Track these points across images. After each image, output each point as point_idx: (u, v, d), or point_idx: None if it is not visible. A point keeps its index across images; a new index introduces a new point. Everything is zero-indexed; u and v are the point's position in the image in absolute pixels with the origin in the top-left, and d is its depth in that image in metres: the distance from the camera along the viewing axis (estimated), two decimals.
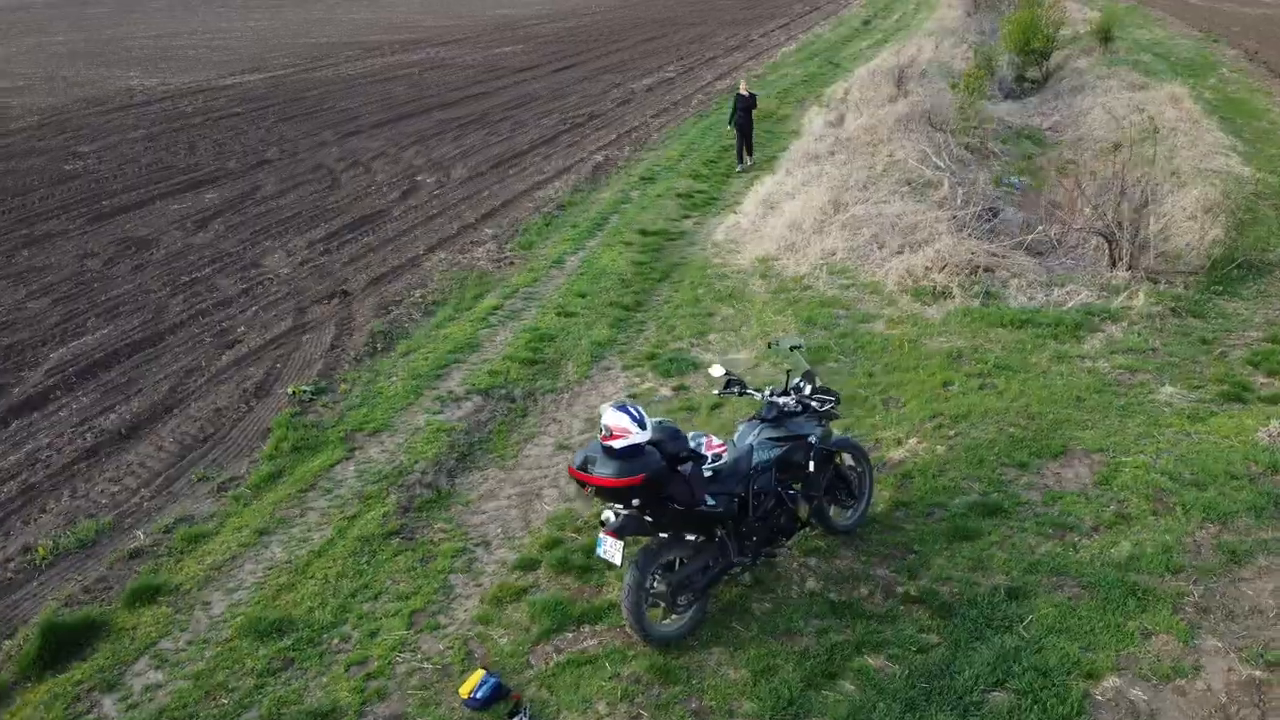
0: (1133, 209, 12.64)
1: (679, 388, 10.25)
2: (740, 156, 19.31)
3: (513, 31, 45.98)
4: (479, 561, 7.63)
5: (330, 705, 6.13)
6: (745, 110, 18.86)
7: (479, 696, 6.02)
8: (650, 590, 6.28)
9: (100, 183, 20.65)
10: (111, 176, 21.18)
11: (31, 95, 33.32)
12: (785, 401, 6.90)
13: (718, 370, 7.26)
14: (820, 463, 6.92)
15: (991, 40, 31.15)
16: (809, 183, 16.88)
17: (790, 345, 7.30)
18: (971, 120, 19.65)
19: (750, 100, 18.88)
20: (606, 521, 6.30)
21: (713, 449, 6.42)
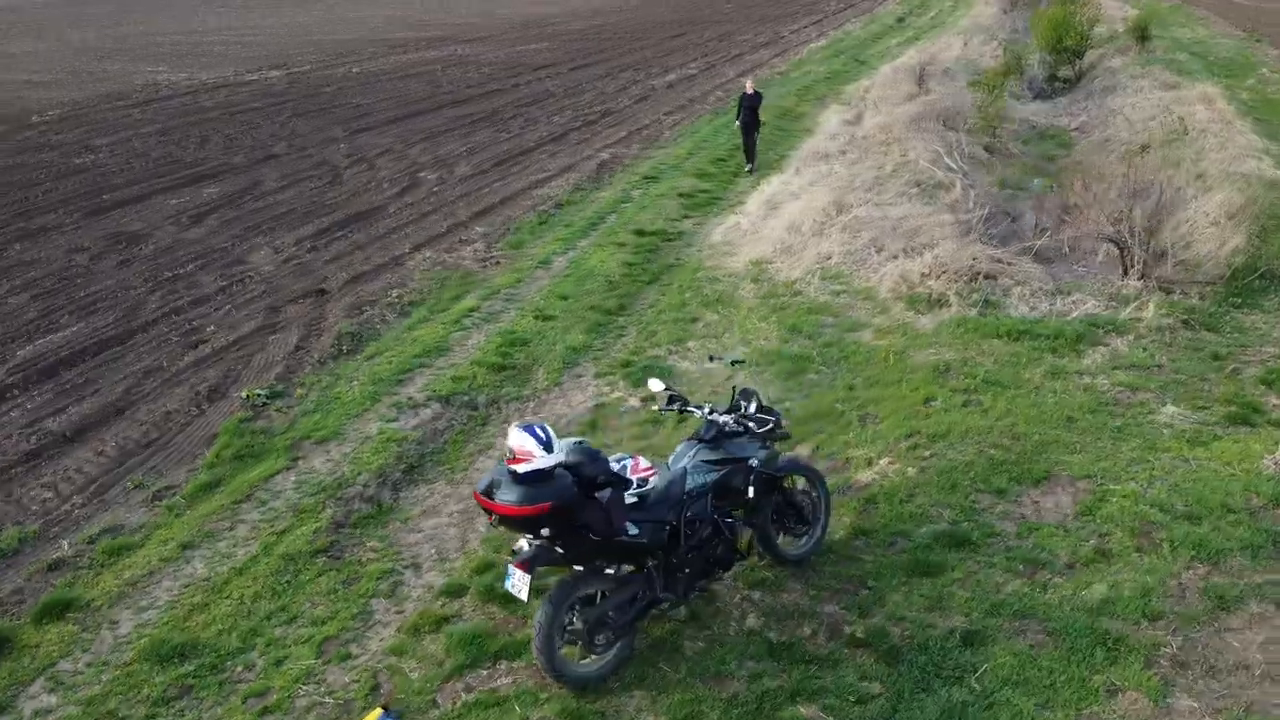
0: (1148, 214, 11.87)
1: (648, 398, 9.68)
2: (750, 157, 18.58)
3: (539, 29, 45.61)
4: (405, 585, 7.13)
5: None
6: (751, 109, 18.10)
7: None
8: (567, 627, 5.74)
9: (105, 177, 20.49)
10: (118, 171, 21.03)
11: (57, 90, 33.46)
12: (725, 421, 6.31)
13: (657, 385, 6.71)
14: (761, 488, 6.33)
15: (1025, 38, 30.18)
16: (816, 183, 16.24)
17: (731, 360, 6.73)
18: (992, 120, 18.84)
19: (755, 99, 18.13)
20: (518, 552, 5.77)
21: (639, 472, 5.86)
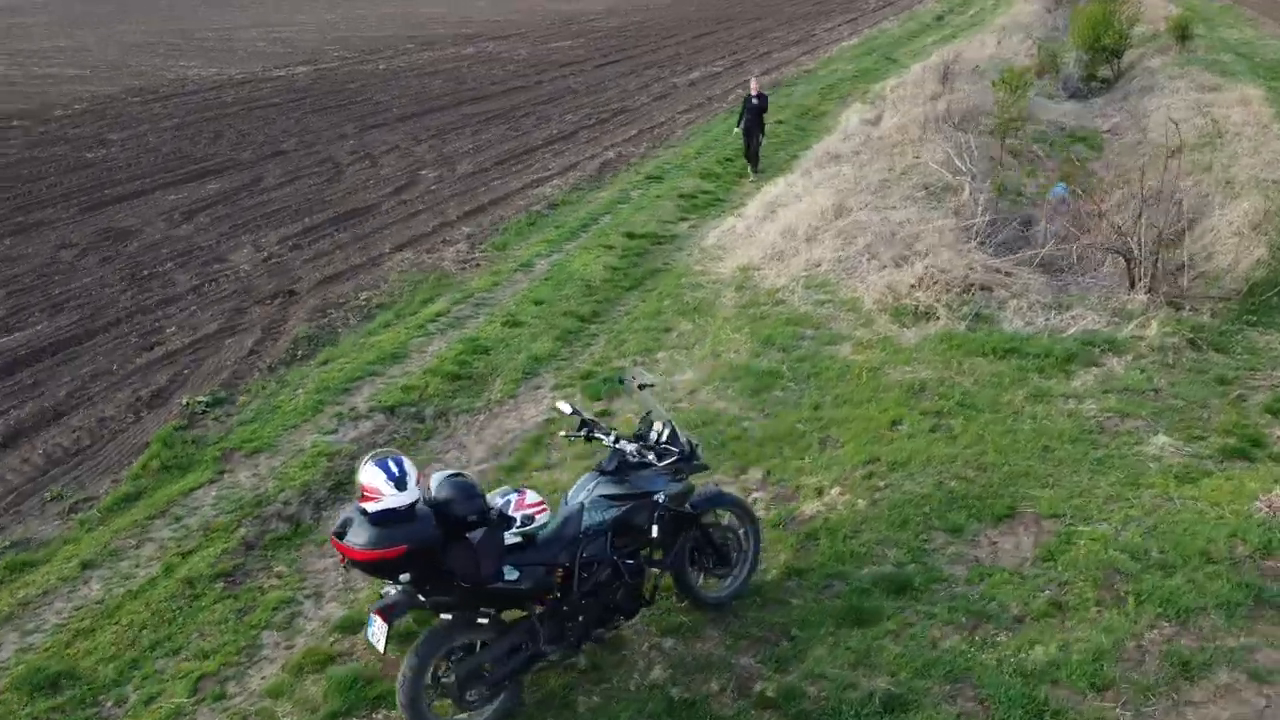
0: (1165, 223, 11.05)
1: (602, 413, 9.11)
2: (753, 164, 17.69)
3: (572, 26, 45.13)
4: (302, 617, 6.64)
5: None
6: (755, 113, 17.22)
7: None
8: (441, 679, 5.18)
9: (111, 171, 20.33)
10: (126, 165, 20.87)
11: (88, 84, 33.63)
12: (630, 450, 5.71)
13: (565, 407, 6.12)
14: (668, 526, 5.72)
15: (1064, 37, 29.06)
16: (823, 184, 15.52)
17: (641, 383, 6.09)
18: (1014, 121, 17.94)
19: (761, 102, 17.27)
20: (384, 597, 5.22)
21: (524, 509, 5.27)
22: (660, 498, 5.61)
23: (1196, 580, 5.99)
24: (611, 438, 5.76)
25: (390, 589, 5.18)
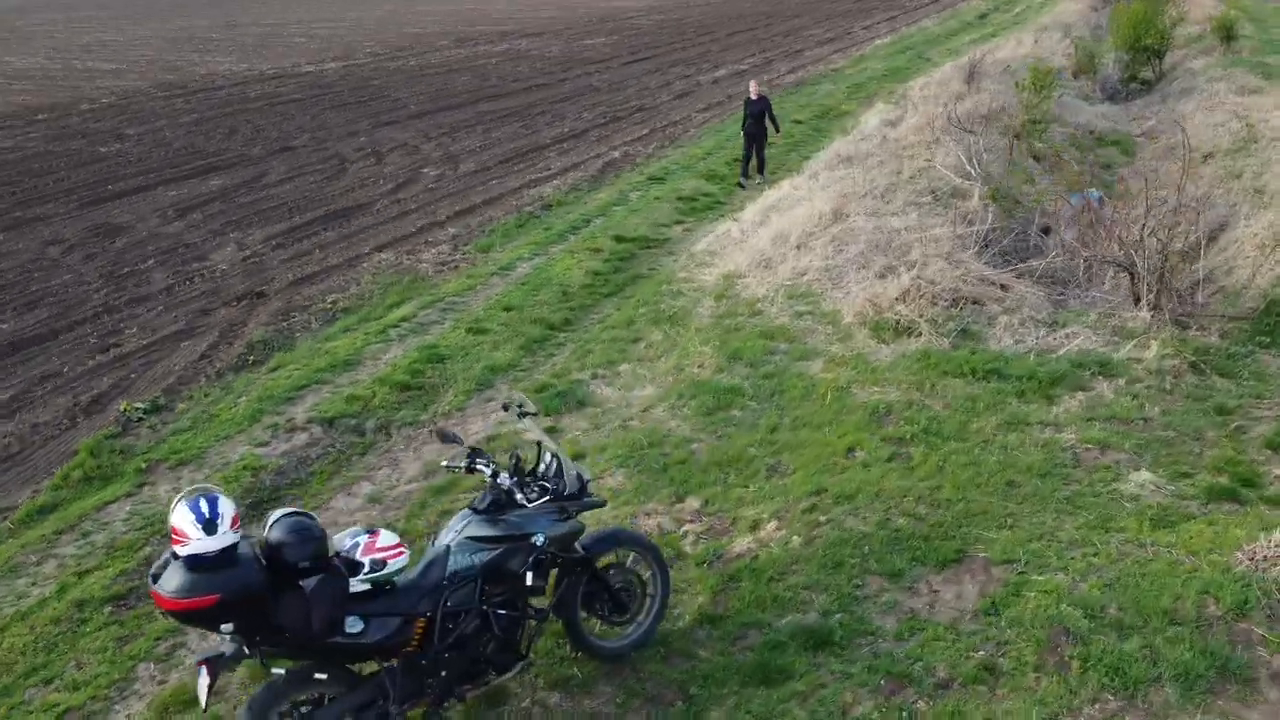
0: (1182, 233, 10.24)
1: (548, 430, 8.55)
2: (745, 170, 16.81)
3: (611, 23, 44.65)
4: (184, 649, 6.19)
5: None
6: (757, 116, 16.44)
7: None
8: None
9: (119, 166, 20.26)
10: (135, 160, 20.79)
11: (122, 78, 33.88)
12: (506, 486, 5.15)
13: (452, 434, 5.58)
14: (545, 572, 5.16)
15: (1107, 36, 27.92)
16: (829, 187, 14.83)
17: (522, 410, 5.53)
18: (1039, 123, 17.08)
19: (762, 104, 16.50)
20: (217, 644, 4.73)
21: (374, 552, 4.74)
22: (538, 540, 5.05)
23: (1154, 645, 5.29)
24: (490, 470, 5.21)
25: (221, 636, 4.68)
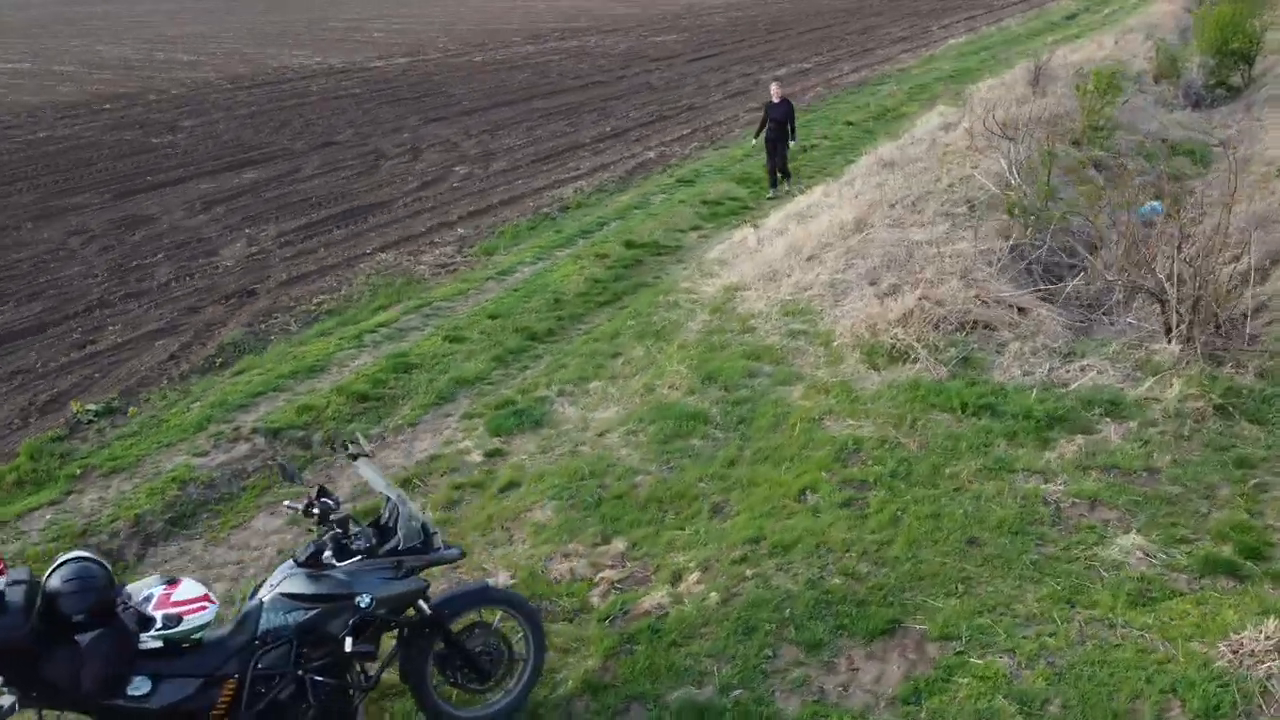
0: (1229, 257, 9.20)
1: (494, 453, 8.00)
2: (774, 180, 15.79)
3: (685, 20, 43.93)
4: None
5: None
6: (779, 122, 15.35)
7: None
8: None
9: (164, 158, 20.41)
10: (182, 152, 20.92)
11: (198, 70, 34.50)
12: (328, 538, 4.56)
13: (287, 472, 4.98)
14: (375, 636, 4.56)
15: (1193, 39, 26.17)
16: (863, 194, 13.96)
17: (352, 452, 4.91)
18: (1100, 130, 15.87)
19: (784, 108, 15.41)
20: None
21: (169, 606, 4.21)
22: (363, 601, 4.44)
23: None
24: (316, 516, 4.61)
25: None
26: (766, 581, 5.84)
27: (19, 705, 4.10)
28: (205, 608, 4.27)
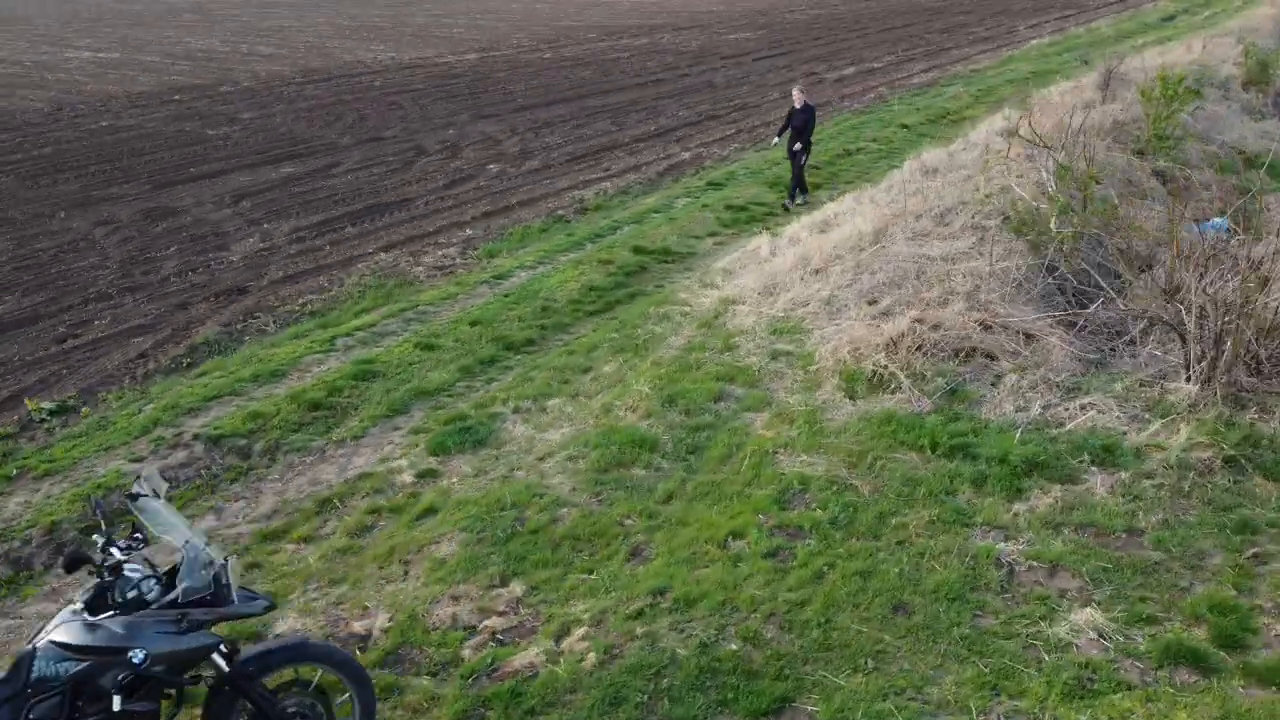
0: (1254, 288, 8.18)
1: (426, 473, 7.54)
2: (793, 190, 14.87)
3: (763, 17, 43.00)
4: None
5: None
6: (799, 128, 14.44)
7: None
8: None
9: (213, 150, 20.57)
10: (233, 144, 21.09)
11: (274, 63, 35.03)
12: (105, 582, 4.10)
13: (93, 503, 4.53)
14: (154, 694, 4.10)
15: None
16: (895, 202, 13.14)
17: (131, 493, 4.42)
18: (1166, 139, 14.66)
19: (805, 114, 14.44)
20: None
21: None
22: (136, 657, 3.98)
23: None
24: (100, 555, 4.17)
25: None
26: (655, 642, 5.22)
27: None
28: None
